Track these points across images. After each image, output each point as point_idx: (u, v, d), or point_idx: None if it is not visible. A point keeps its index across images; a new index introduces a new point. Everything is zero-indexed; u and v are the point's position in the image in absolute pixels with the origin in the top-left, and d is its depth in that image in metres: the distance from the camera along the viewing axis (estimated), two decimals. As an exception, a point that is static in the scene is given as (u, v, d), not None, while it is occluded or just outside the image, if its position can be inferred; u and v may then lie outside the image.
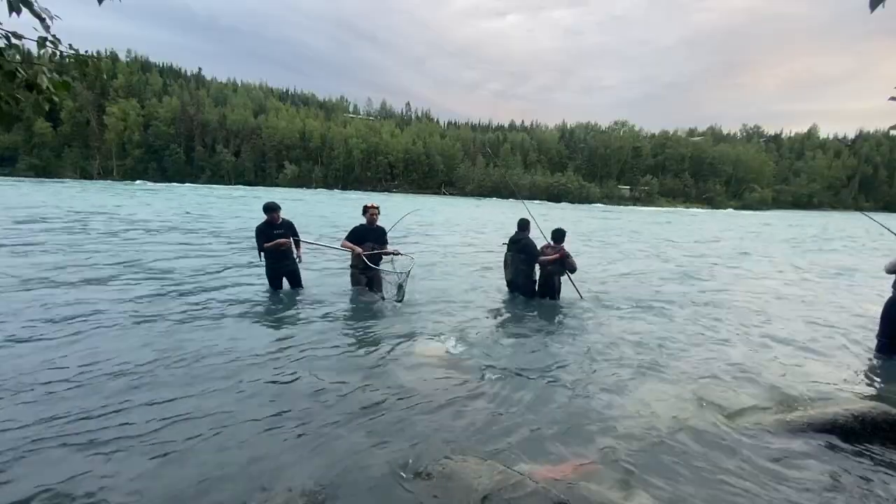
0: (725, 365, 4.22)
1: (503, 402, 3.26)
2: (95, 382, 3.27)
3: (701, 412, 3.24)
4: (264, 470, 2.37)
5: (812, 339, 5.15)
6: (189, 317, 4.94)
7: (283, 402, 3.13)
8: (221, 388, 3.29)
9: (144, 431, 2.68)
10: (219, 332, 4.47)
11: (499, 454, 2.57)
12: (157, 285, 6.28)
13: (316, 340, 4.40)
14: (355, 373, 3.70)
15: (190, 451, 2.51)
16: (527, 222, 6.22)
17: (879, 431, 2.88)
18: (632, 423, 3.04)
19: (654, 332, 5.18)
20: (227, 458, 2.45)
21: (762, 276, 9.68)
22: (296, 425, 2.82)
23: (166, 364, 3.66)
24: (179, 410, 2.94)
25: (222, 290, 6.23)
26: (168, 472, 2.33)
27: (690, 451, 2.73)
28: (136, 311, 5.03)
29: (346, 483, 2.29)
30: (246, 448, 2.56)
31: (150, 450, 2.50)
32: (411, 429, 2.84)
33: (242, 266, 7.83)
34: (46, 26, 2.06)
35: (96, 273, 6.84)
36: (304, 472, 2.37)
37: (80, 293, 5.65)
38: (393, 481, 2.31)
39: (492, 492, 2.13)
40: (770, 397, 3.53)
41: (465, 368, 3.84)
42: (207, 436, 2.66)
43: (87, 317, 4.73)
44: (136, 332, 4.37)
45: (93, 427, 2.70)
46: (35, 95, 2.11)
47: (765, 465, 2.61)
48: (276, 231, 5.80)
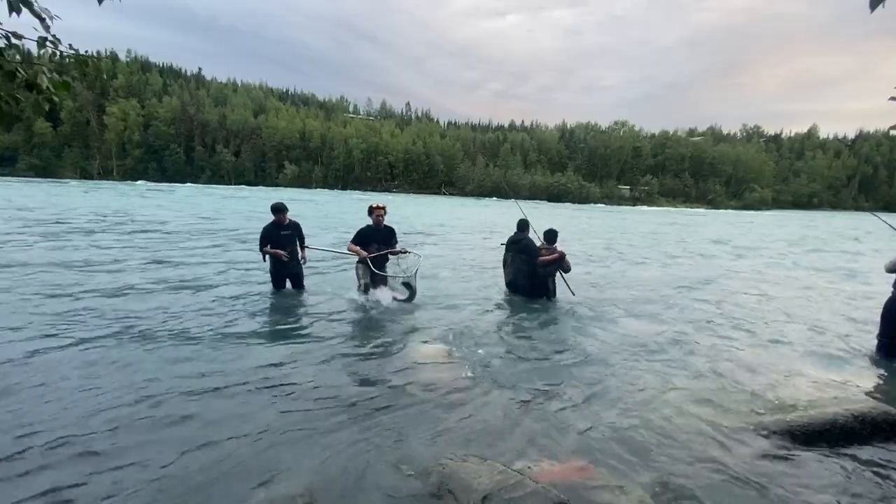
0: (726, 364, 4.22)
1: (503, 402, 3.26)
2: (97, 378, 3.27)
3: (701, 412, 3.24)
4: (263, 470, 2.36)
5: (812, 339, 5.15)
6: (190, 312, 4.94)
7: (282, 402, 3.13)
8: (219, 387, 3.29)
9: (141, 431, 2.68)
10: (219, 331, 4.47)
11: (499, 454, 2.57)
12: (157, 281, 6.30)
13: (315, 341, 4.40)
14: (355, 373, 3.70)
15: (189, 451, 2.51)
16: (527, 223, 6.25)
17: (879, 431, 2.88)
18: (632, 422, 3.04)
19: (654, 332, 5.18)
20: (226, 458, 2.45)
21: (763, 276, 9.68)
22: (295, 425, 2.82)
23: (160, 362, 3.67)
24: (176, 410, 2.94)
25: (223, 287, 6.24)
26: (167, 472, 2.33)
27: (690, 450, 2.73)
28: (133, 310, 5.04)
29: (345, 483, 2.29)
30: (244, 448, 2.56)
31: (150, 449, 2.50)
32: (411, 429, 2.84)
33: (246, 263, 7.83)
34: (46, 26, 2.06)
35: (108, 273, 6.85)
36: (303, 471, 2.36)
37: (91, 292, 5.65)
38: (393, 481, 2.31)
39: (492, 492, 2.13)
40: (770, 397, 3.52)
41: (464, 368, 3.84)
42: (204, 436, 2.65)
43: (84, 315, 4.74)
44: (131, 332, 4.38)
45: (82, 431, 2.70)
46: (35, 95, 2.11)
47: (765, 465, 2.61)
48: (283, 232, 5.78)
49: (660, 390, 3.60)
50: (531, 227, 6.29)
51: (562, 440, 2.79)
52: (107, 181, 60.93)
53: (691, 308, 6.43)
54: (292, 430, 2.77)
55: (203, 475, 2.31)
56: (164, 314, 4.95)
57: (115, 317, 4.79)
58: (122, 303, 5.33)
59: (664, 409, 3.27)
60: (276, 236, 5.75)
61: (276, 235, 5.75)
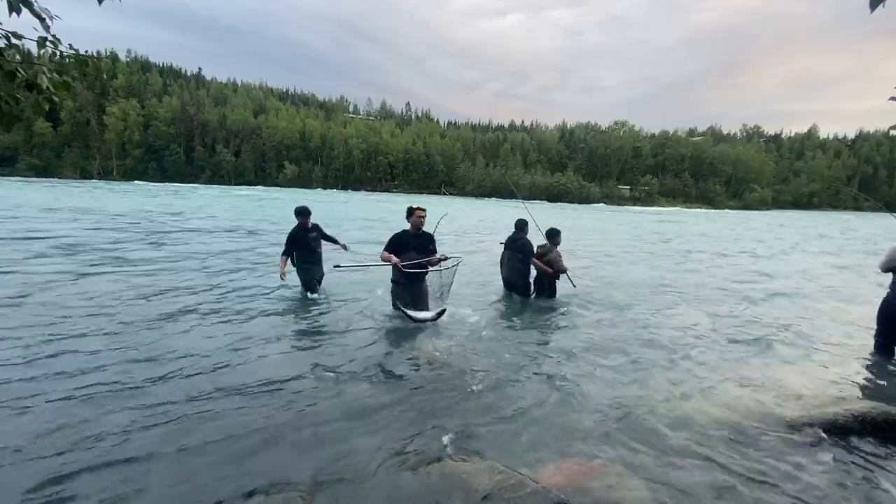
0: (726, 364, 4.22)
1: (503, 402, 3.26)
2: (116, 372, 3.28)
3: (701, 412, 3.24)
4: (263, 469, 2.36)
5: (812, 339, 5.15)
6: (210, 312, 5.07)
7: (282, 402, 3.13)
8: (225, 386, 3.29)
9: (148, 427, 2.69)
10: (228, 332, 4.48)
11: (499, 454, 2.57)
12: (182, 281, 6.34)
13: (315, 341, 4.40)
14: (354, 372, 3.70)
15: (187, 450, 2.51)
16: (525, 223, 6.25)
17: (879, 431, 2.88)
18: (632, 422, 3.04)
19: (654, 330, 5.18)
20: (225, 458, 2.45)
21: (763, 276, 9.67)
22: (294, 425, 2.82)
23: (177, 357, 3.69)
24: (182, 409, 2.94)
25: (246, 290, 6.23)
26: (167, 472, 2.33)
27: (690, 450, 2.73)
28: (158, 308, 5.10)
29: (345, 483, 2.29)
30: (243, 447, 2.56)
31: (152, 448, 2.51)
32: (410, 428, 2.84)
33: (266, 265, 7.83)
34: (46, 26, 2.06)
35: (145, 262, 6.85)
36: (303, 471, 2.36)
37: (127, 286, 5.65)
38: (393, 481, 2.31)
39: (492, 492, 2.13)
40: (770, 397, 3.52)
41: (464, 368, 3.84)
42: (202, 434, 2.66)
43: (112, 308, 4.74)
44: (151, 328, 4.43)
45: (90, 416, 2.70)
46: (35, 95, 2.11)
47: (765, 464, 2.61)
48: (311, 235, 5.75)
49: (660, 390, 3.60)
50: (534, 224, 6.30)
51: (562, 440, 2.79)
52: (113, 181, 60.88)
53: (691, 306, 6.42)
54: (291, 429, 2.77)
55: (202, 476, 2.31)
56: (188, 310, 4.95)
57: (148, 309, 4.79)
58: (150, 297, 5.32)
59: (664, 408, 3.27)
60: (305, 240, 5.69)
61: (304, 240, 5.69)
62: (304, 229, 5.71)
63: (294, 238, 5.67)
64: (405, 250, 4.90)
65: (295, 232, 5.68)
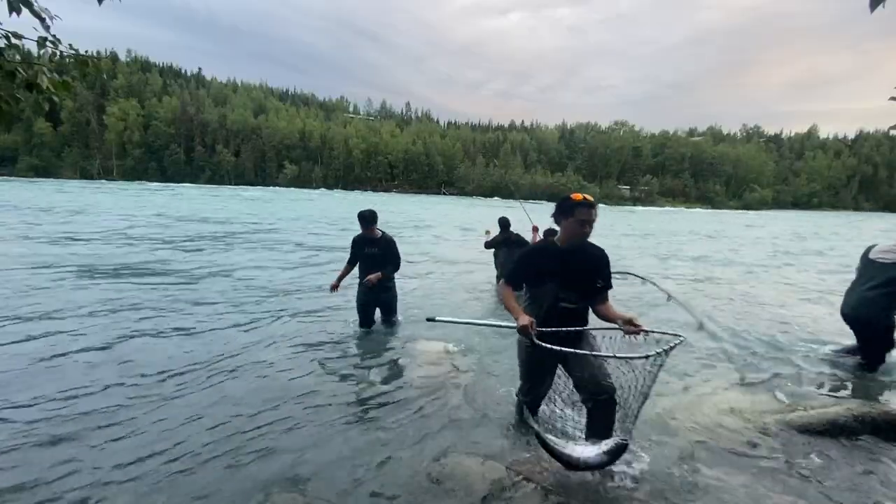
0: (725, 364, 4.21)
1: (503, 402, 3.25)
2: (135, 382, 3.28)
3: (700, 412, 3.23)
4: (263, 470, 2.37)
5: (810, 339, 5.14)
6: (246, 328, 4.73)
7: (281, 402, 3.12)
8: (236, 393, 3.29)
9: (148, 428, 2.69)
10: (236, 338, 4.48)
11: (499, 454, 2.57)
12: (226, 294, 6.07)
13: (315, 341, 4.40)
14: (354, 372, 3.70)
15: (187, 453, 2.51)
16: (507, 219, 6.61)
17: (879, 431, 2.88)
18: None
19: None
20: (224, 458, 2.45)
21: (764, 276, 9.67)
22: (293, 425, 2.82)
23: (191, 371, 3.68)
24: (190, 416, 2.94)
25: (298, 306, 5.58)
26: (167, 471, 2.33)
27: (690, 450, 2.73)
28: (187, 322, 4.95)
29: (345, 483, 2.29)
30: (243, 448, 2.56)
31: (153, 447, 2.51)
32: (410, 429, 2.84)
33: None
34: (46, 26, 2.06)
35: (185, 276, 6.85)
36: (303, 471, 2.36)
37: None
38: (392, 481, 2.31)
39: (492, 492, 2.13)
40: (770, 397, 3.52)
41: (464, 368, 3.83)
42: (205, 436, 2.66)
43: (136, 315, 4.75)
44: (174, 339, 4.34)
45: (106, 421, 2.70)
46: (35, 95, 2.11)
47: (765, 465, 2.61)
48: (371, 249, 4.41)
49: (660, 389, 3.60)
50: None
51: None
52: (109, 181, 60.90)
53: (691, 305, 6.41)
54: (291, 430, 2.77)
55: (202, 474, 2.31)
56: (226, 324, 4.94)
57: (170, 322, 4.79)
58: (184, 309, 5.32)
59: (663, 407, 3.26)
60: (364, 254, 4.43)
61: (362, 252, 4.43)
62: (367, 239, 4.44)
63: (353, 245, 4.54)
64: (548, 281, 2.46)
65: (358, 239, 4.51)
